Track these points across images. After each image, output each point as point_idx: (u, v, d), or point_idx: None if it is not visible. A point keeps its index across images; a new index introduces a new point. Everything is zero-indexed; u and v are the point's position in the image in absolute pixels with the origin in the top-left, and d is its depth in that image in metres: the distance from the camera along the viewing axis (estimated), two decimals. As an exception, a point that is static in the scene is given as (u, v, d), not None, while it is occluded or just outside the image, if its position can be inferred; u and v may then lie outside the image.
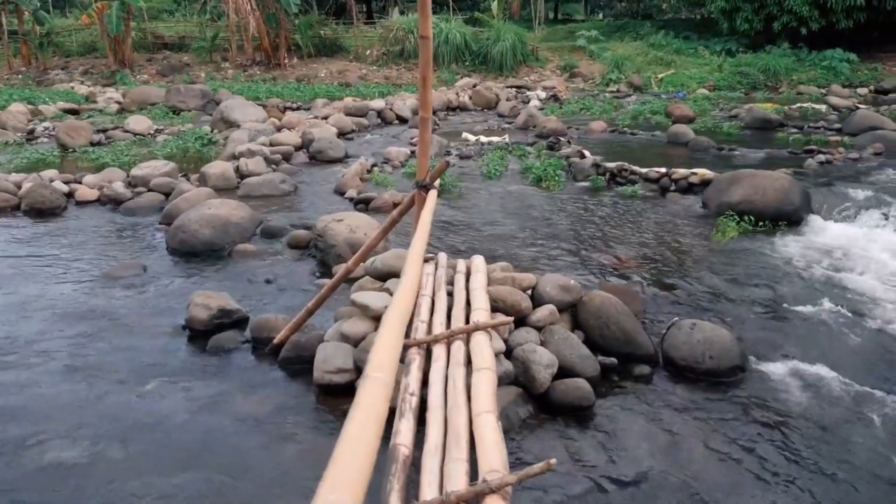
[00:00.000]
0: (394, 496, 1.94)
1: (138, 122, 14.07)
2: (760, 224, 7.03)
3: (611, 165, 9.29)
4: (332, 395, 4.05)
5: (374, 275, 4.78)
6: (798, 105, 15.68)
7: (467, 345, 3.31)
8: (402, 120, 15.49)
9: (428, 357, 3.28)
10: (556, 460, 1.87)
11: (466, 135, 12.86)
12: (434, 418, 2.56)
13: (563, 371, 4.00)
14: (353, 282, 4.87)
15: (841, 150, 9.77)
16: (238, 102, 14.29)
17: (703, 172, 8.42)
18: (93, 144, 12.41)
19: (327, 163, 10.93)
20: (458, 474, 2.04)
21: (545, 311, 4.40)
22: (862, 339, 4.73)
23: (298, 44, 25.10)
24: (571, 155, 10.25)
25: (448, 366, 3.09)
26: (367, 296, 4.39)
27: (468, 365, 3.07)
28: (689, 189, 8.47)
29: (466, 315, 3.81)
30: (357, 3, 29.14)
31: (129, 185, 9.00)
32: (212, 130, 13.18)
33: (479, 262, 4.60)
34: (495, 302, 4.22)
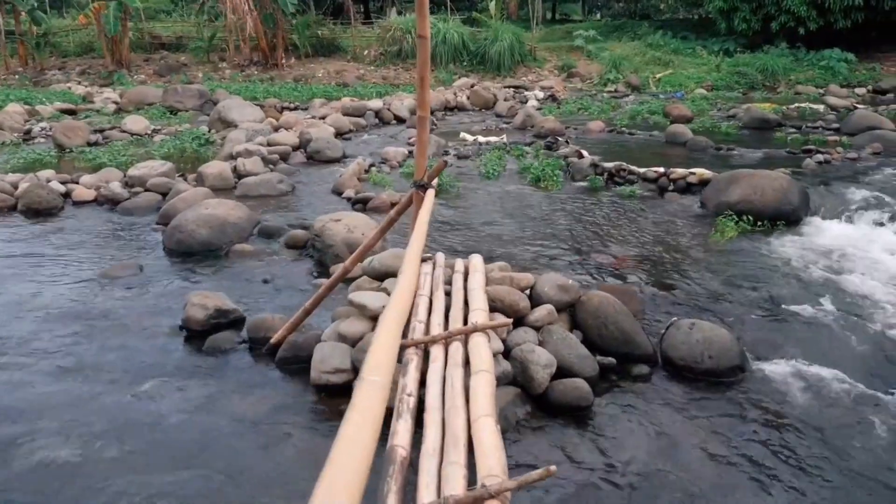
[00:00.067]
0: (391, 498, 1.92)
1: (135, 122, 14.03)
2: (759, 224, 7.02)
3: (609, 165, 9.27)
4: (329, 396, 4.04)
5: (371, 275, 4.76)
6: (796, 105, 15.68)
7: (465, 346, 3.29)
8: (400, 120, 15.46)
9: (426, 357, 3.26)
10: (555, 468, 1.85)
11: (464, 135, 12.84)
12: (432, 420, 2.54)
13: (562, 371, 3.99)
14: (350, 281, 4.85)
15: (839, 150, 9.77)
16: (235, 102, 14.26)
17: (702, 172, 8.41)
18: (90, 144, 12.38)
19: (325, 163, 10.91)
20: (456, 478, 2.02)
21: (543, 310, 4.38)
22: (861, 340, 4.71)
23: (296, 44, 25.08)
24: (569, 155, 10.23)
25: (446, 367, 3.07)
26: (364, 295, 4.37)
27: (466, 366, 3.05)
28: (688, 189, 8.46)
29: (464, 315, 3.80)
30: (354, 3, 29.11)
31: (126, 185, 8.97)
32: (209, 130, 13.15)
33: (477, 261, 4.58)
34: (493, 302, 4.20)
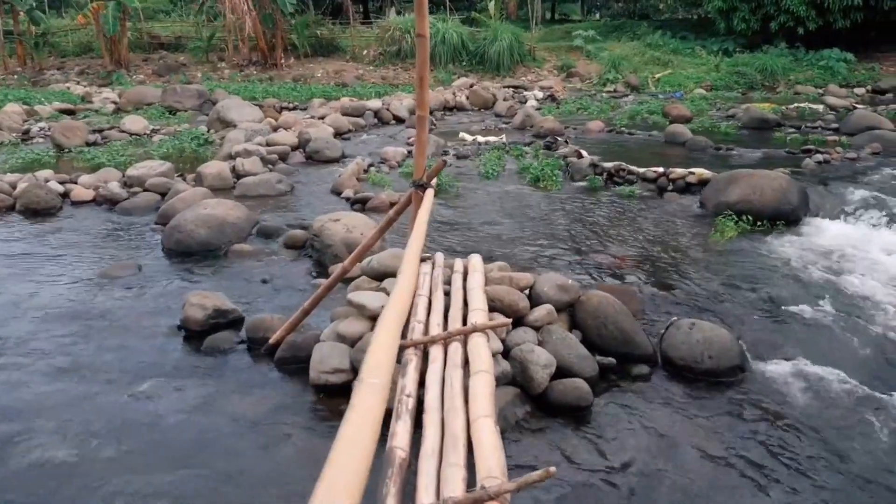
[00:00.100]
0: (390, 500, 1.91)
1: (134, 122, 14.01)
2: (758, 224, 7.01)
3: (608, 165, 9.26)
4: (328, 396, 4.03)
5: (370, 274, 4.75)
6: (795, 105, 15.68)
7: (465, 346, 3.28)
8: (399, 120, 15.45)
9: (425, 358, 3.25)
10: (555, 469, 1.83)
11: (463, 135, 12.83)
12: (431, 421, 2.53)
13: (561, 371, 3.97)
14: (349, 281, 4.84)
15: (839, 150, 9.77)
16: (234, 102, 14.24)
17: (701, 172, 8.40)
18: (88, 144, 12.36)
19: (324, 163, 10.89)
20: (455, 479, 2.01)
21: (543, 310, 4.37)
22: (861, 340, 4.70)
23: (295, 44, 25.06)
24: (569, 155, 10.22)
25: (445, 367, 3.06)
26: (363, 295, 4.36)
27: (465, 366, 3.04)
28: (687, 189, 8.45)
29: (464, 315, 3.78)
30: (353, 3, 29.09)
31: (124, 185, 8.95)
32: (208, 130, 13.13)
33: (476, 261, 4.56)
34: (492, 301, 4.19)
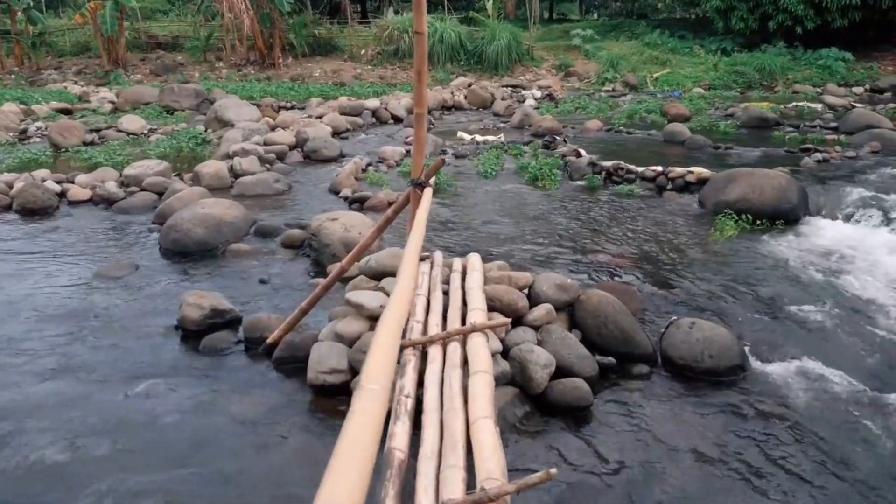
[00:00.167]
0: (388, 502, 1.88)
1: (132, 121, 13.96)
2: (758, 223, 6.98)
3: (607, 164, 9.24)
4: (326, 396, 4.00)
5: (368, 274, 4.72)
6: (794, 104, 15.67)
7: (464, 346, 3.25)
8: (397, 119, 15.43)
9: (423, 358, 3.22)
10: (556, 470, 1.81)
11: (462, 134, 12.81)
12: (430, 421, 2.50)
13: (561, 371, 3.95)
14: (347, 281, 4.82)
15: (838, 149, 9.75)
16: (232, 102, 14.20)
17: (700, 171, 8.38)
18: (86, 144, 12.32)
19: (322, 162, 10.86)
20: (454, 481, 1.98)
21: (542, 310, 4.34)
22: (861, 340, 4.69)
23: (293, 43, 25.03)
24: (567, 154, 10.20)
25: (444, 367, 3.04)
26: (361, 295, 4.33)
27: (464, 366, 3.01)
28: (686, 188, 8.43)
29: (463, 315, 3.75)
30: (351, 2, 29.05)
31: (121, 184, 8.92)
32: (206, 130, 13.09)
33: (475, 260, 4.54)
34: (491, 301, 4.16)
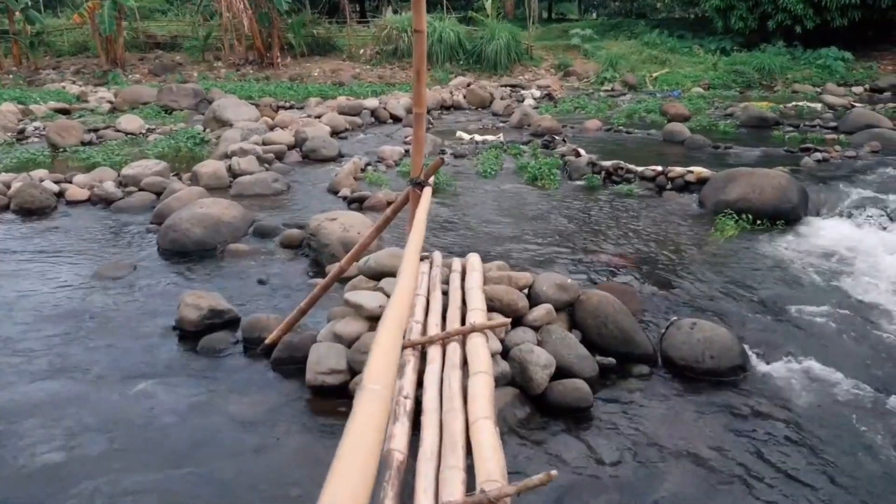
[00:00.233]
0: (388, 504, 1.86)
1: (130, 121, 13.94)
2: (758, 223, 6.96)
3: (606, 164, 9.22)
4: (324, 397, 3.98)
5: (367, 274, 4.70)
6: (793, 103, 15.64)
7: (463, 346, 3.23)
8: (396, 119, 15.41)
9: (423, 358, 3.20)
10: (556, 472, 1.79)
11: (461, 133, 12.78)
12: (429, 422, 2.48)
13: (561, 371, 3.93)
14: (346, 281, 4.79)
15: (837, 149, 9.72)
16: (230, 101, 14.17)
17: (700, 171, 8.36)
18: (84, 144, 12.29)
19: (321, 162, 10.84)
20: (454, 482, 1.96)
21: (542, 310, 4.32)
22: (863, 340, 4.67)
23: (291, 43, 24.99)
24: (567, 153, 10.18)
25: (443, 368, 3.02)
26: (360, 295, 4.31)
27: (464, 367, 2.99)
28: (686, 187, 8.41)
29: (462, 315, 3.74)
30: (350, 2, 29.02)
31: (120, 184, 8.90)
32: (204, 129, 13.06)
33: (474, 260, 4.52)
34: (491, 301, 4.14)
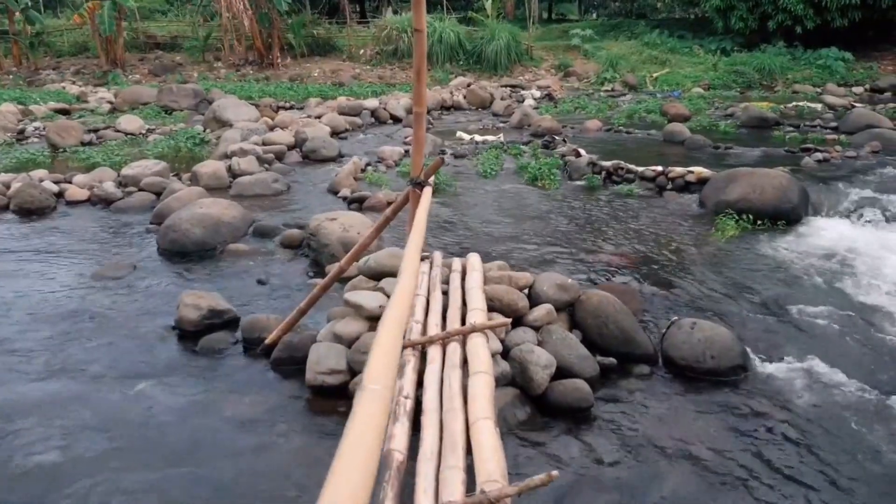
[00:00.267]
0: (387, 505, 1.85)
1: (130, 121, 13.93)
2: (759, 223, 6.95)
3: (607, 164, 9.21)
4: (324, 397, 3.97)
5: (367, 274, 4.69)
6: (794, 104, 15.63)
7: (463, 346, 3.22)
8: (396, 119, 15.40)
9: (423, 358, 3.19)
10: (557, 472, 1.78)
11: (461, 134, 12.77)
12: (429, 422, 2.47)
13: (562, 371, 3.92)
14: (346, 281, 4.78)
15: (838, 149, 9.71)
16: (230, 102, 14.16)
17: (700, 171, 8.35)
18: (83, 144, 12.29)
19: (320, 162, 10.83)
20: (454, 483, 1.95)
21: (542, 310, 4.31)
22: (863, 338, 4.66)
23: (291, 43, 24.97)
24: (567, 154, 10.17)
25: (443, 368, 3.00)
26: (360, 295, 4.30)
27: (464, 367, 2.98)
28: (686, 187, 8.40)
29: (462, 315, 3.72)
30: (350, 2, 29.01)
31: (119, 184, 8.89)
32: (204, 130, 13.05)
33: (475, 260, 4.50)
34: (491, 301, 4.13)
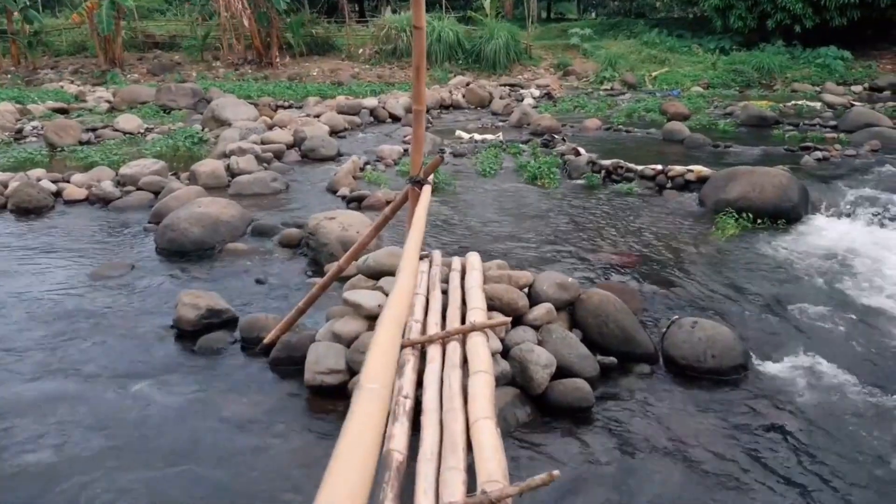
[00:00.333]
0: (387, 506, 1.83)
1: (128, 120, 13.90)
2: (759, 221, 6.94)
3: (606, 163, 9.19)
4: (323, 397, 3.95)
5: (366, 273, 4.67)
6: (793, 102, 15.62)
7: (463, 346, 3.20)
8: (395, 118, 15.38)
9: (422, 358, 3.17)
10: (558, 472, 1.76)
11: (460, 133, 12.75)
12: (429, 422, 2.45)
13: (562, 371, 3.90)
14: (345, 280, 4.76)
15: (837, 147, 9.71)
16: (229, 101, 14.14)
17: (700, 169, 8.34)
18: (82, 143, 12.25)
19: (319, 161, 10.81)
20: (455, 483, 1.93)
21: (542, 309, 4.29)
22: (864, 337, 4.65)
23: (290, 42, 24.94)
24: (566, 152, 10.15)
25: (443, 367, 2.98)
26: (359, 294, 4.28)
27: (464, 366, 2.96)
28: (686, 186, 8.39)
29: (462, 314, 3.70)
30: (349, 1, 28.97)
31: (118, 183, 8.86)
32: (202, 129, 13.02)
33: (474, 259, 4.48)
34: (491, 300, 4.11)
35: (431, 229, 6.88)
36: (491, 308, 4.07)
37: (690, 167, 8.48)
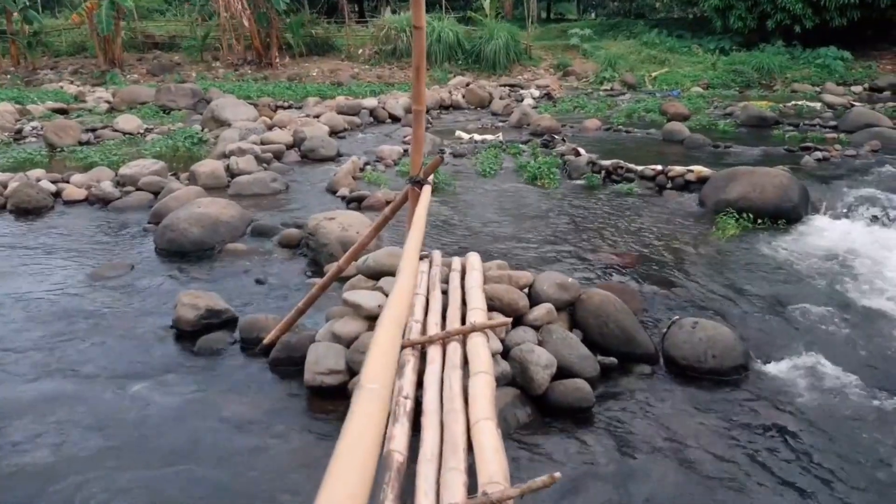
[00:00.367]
0: (387, 507, 1.82)
1: (128, 121, 13.89)
2: (759, 222, 6.93)
3: (606, 163, 9.19)
4: (323, 397, 3.94)
5: (366, 273, 4.66)
6: (793, 103, 15.62)
7: (463, 346, 3.19)
8: (395, 118, 15.37)
9: (423, 358, 3.16)
10: (560, 474, 1.75)
11: (460, 133, 12.74)
12: (430, 423, 2.44)
13: (562, 371, 3.89)
14: (345, 280, 4.75)
15: (838, 147, 9.71)
16: (229, 101, 14.13)
17: (700, 170, 8.33)
18: (81, 144, 12.24)
19: (319, 161, 10.80)
20: (455, 484, 1.92)
21: (543, 309, 4.28)
22: (865, 337, 4.64)
23: (290, 43, 24.94)
24: (566, 153, 10.14)
25: (444, 368, 2.98)
26: (359, 295, 4.27)
27: (465, 367, 2.95)
28: (686, 186, 8.38)
29: (462, 314, 3.70)
30: (349, 2, 28.96)
31: (117, 184, 8.86)
32: (202, 129, 13.02)
33: (474, 259, 4.48)
34: (491, 300, 4.10)
35: (431, 229, 6.87)
36: (491, 308, 4.06)
37: (690, 167, 8.47)
